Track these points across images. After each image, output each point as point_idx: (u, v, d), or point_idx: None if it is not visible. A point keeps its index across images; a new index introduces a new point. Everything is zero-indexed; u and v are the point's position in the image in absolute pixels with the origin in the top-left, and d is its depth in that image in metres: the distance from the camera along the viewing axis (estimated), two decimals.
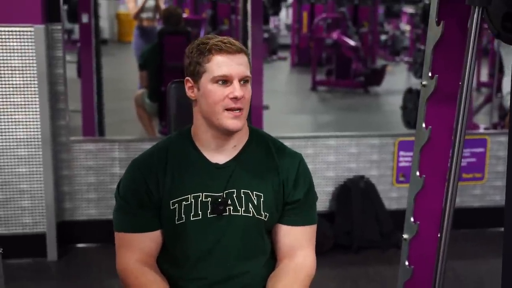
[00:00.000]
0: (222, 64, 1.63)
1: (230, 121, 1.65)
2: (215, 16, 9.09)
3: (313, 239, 1.80)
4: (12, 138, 3.49)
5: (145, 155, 1.77)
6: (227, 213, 1.69)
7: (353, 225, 3.90)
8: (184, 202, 1.69)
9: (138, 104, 5.42)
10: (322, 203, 3.99)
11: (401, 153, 4.09)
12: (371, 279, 3.55)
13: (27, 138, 3.49)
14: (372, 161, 4.06)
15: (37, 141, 3.50)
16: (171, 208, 1.69)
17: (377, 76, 9.08)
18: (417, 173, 1.97)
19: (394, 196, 4.11)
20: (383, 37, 12.35)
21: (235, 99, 1.63)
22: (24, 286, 3.36)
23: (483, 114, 6.41)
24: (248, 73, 1.66)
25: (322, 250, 3.82)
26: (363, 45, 9.75)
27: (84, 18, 4.67)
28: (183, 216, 1.68)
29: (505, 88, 5.75)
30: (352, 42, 9.09)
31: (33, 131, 3.49)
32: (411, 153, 4.07)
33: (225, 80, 1.64)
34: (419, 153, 1.95)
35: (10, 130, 3.48)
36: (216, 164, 1.72)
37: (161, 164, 1.72)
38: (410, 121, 6.00)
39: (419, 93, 5.86)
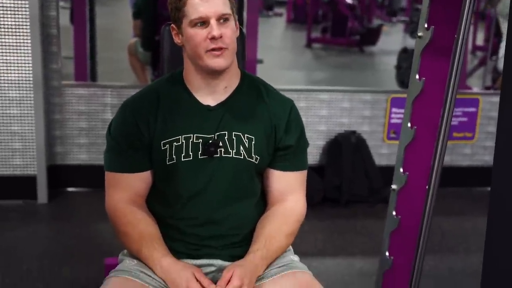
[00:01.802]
0: (197, 6, 1.62)
1: (212, 61, 1.64)
2: None
3: (304, 184, 1.82)
4: (3, 80, 3.47)
5: (136, 97, 1.77)
6: (218, 155, 1.70)
7: (343, 179, 3.93)
8: (175, 143, 1.69)
9: (131, 53, 5.37)
10: (313, 157, 4.02)
11: (394, 109, 4.10)
12: (358, 232, 3.60)
13: (18, 80, 3.47)
14: (364, 117, 4.08)
15: (29, 84, 3.48)
16: (162, 148, 1.69)
17: (372, 36, 9.04)
18: (409, 125, 1.98)
19: (384, 152, 4.13)
20: None
21: (214, 39, 1.62)
22: (14, 227, 3.39)
23: (476, 78, 6.41)
24: (226, 10, 1.64)
25: (311, 202, 3.84)
26: (360, 4, 9.68)
27: None
28: (174, 156, 1.69)
29: (501, 51, 5.74)
30: (349, 0, 9.01)
31: (25, 73, 3.47)
32: (403, 110, 4.08)
33: (203, 22, 1.63)
34: (411, 104, 1.96)
35: (2, 71, 3.45)
36: (208, 106, 1.72)
37: (152, 106, 1.72)
38: (404, 80, 5.99)
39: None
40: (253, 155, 1.72)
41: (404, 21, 10.56)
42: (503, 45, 5.77)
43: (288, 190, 1.78)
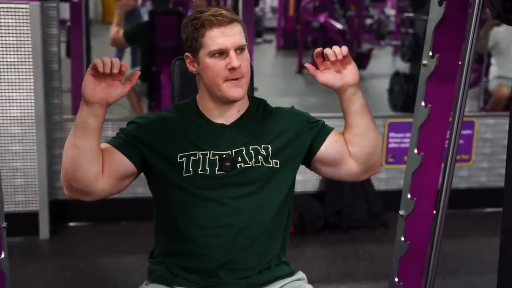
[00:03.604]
0: (216, 37, 1.67)
1: (231, 91, 1.70)
2: None
3: None
4: (6, 116, 3.48)
5: (151, 116, 1.80)
6: (238, 169, 1.72)
7: (343, 204, 3.95)
8: (192, 157, 1.71)
9: None
10: (313, 184, 4.04)
11: (391, 134, 4.14)
12: (360, 257, 3.62)
13: (21, 116, 3.49)
14: None
15: (31, 119, 3.50)
16: (179, 160, 1.70)
17: (363, 60, 9.11)
18: (415, 151, 2.01)
19: (383, 177, 4.17)
20: (368, 21, 12.39)
21: (233, 69, 1.67)
22: (17, 263, 3.37)
23: (470, 98, 6.48)
24: (243, 41, 1.70)
25: (312, 229, 3.88)
26: (349, 29, 9.79)
27: None
28: (190, 169, 1.70)
29: (492, 73, 5.84)
30: (339, 26, 9.11)
31: (27, 109, 3.49)
32: (400, 135, 4.13)
33: (222, 52, 1.68)
34: (417, 131, 1.99)
35: (4, 107, 3.47)
36: (222, 124, 1.76)
37: (165, 126, 1.75)
38: (396, 104, 6.05)
39: (406, 76, 5.94)
40: (270, 160, 1.74)
41: (395, 45, 10.67)
42: (493, 65, 5.86)
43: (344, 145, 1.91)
